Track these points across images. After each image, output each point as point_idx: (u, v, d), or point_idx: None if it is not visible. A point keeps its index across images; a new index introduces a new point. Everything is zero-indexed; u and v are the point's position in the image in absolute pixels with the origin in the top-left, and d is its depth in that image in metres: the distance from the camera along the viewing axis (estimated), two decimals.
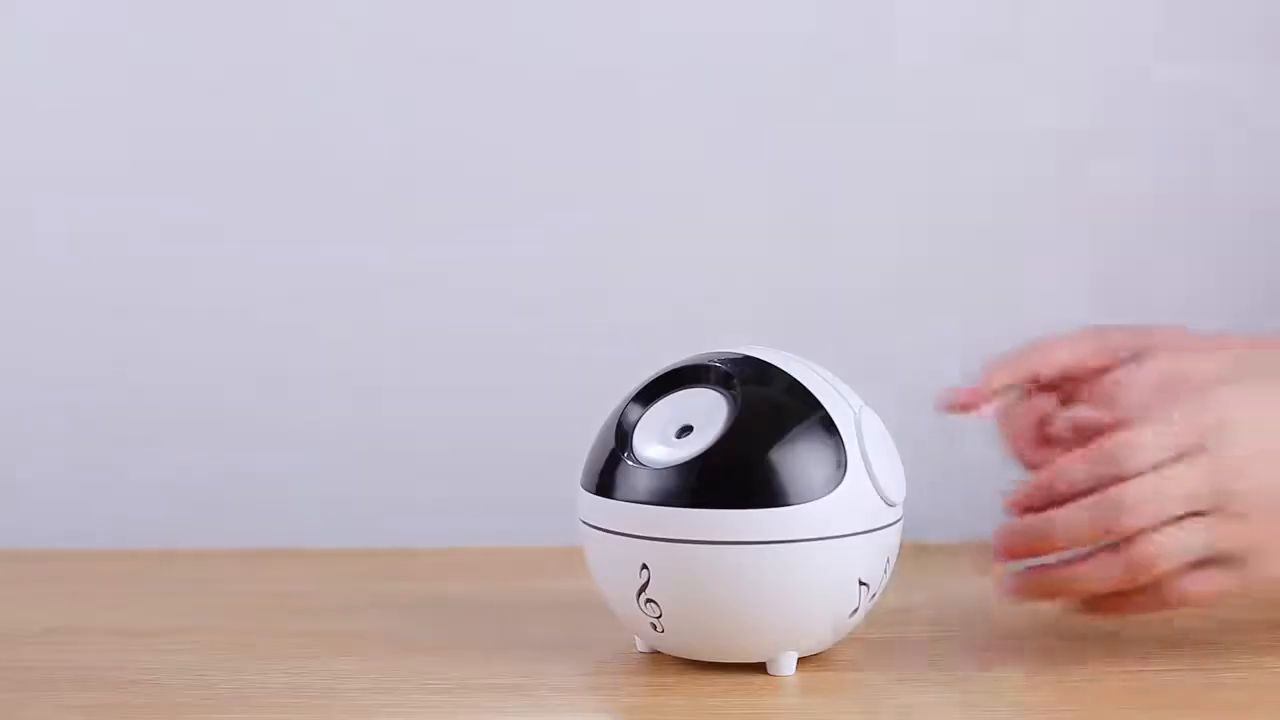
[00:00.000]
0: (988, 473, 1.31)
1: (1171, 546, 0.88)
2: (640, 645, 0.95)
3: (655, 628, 0.91)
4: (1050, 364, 0.99)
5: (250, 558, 1.23)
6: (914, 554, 0.99)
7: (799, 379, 0.92)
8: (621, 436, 0.92)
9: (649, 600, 0.90)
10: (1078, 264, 1.33)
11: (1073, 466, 0.89)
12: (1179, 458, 0.88)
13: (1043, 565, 0.91)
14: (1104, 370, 0.98)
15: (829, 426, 0.90)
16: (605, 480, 0.92)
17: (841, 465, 0.90)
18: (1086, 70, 1.31)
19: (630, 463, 0.91)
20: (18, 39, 1.32)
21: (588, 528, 0.93)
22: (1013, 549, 0.91)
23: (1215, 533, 0.89)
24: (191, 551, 1.26)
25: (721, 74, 1.32)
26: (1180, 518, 0.88)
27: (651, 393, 0.94)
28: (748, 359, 0.93)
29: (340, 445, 1.33)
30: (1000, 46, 1.31)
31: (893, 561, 0.93)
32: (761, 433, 0.90)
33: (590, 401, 1.01)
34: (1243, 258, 1.32)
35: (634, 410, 0.93)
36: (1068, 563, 0.90)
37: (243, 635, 1.02)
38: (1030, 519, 0.90)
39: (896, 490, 0.92)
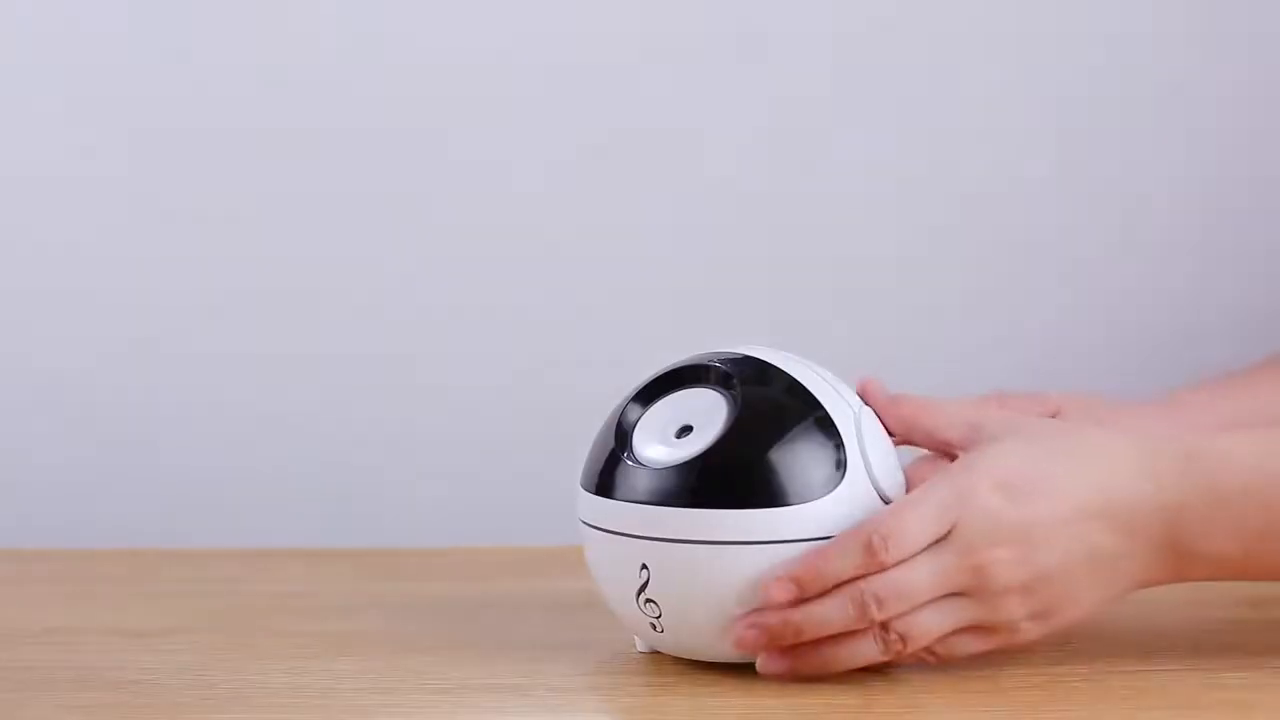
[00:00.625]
0: None
1: (927, 627, 0.87)
2: (640, 645, 0.95)
3: (655, 628, 0.91)
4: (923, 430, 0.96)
5: (250, 558, 1.23)
6: None
7: (799, 379, 0.92)
8: (621, 436, 0.92)
9: (649, 600, 0.90)
10: (1078, 264, 1.33)
11: (836, 560, 0.88)
12: (933, 544, 0.87)
13: (802, 645, 0.89)
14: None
15: (828, 427, 0.90)
16: (605, 480, 0.92)
17: (841, 465, 0.90)
18: (1086, 70, 1.31)
19: (630, 463, 0.91)
20: (17, 38, 1.32)
21: (587, 528, 0.93)
22: (759, 643, 0.88)
23: (971, 610, 0.88)
24: (191, 551, 1.26)
25: (723, 75, 1.32)
26: (942, 597, 0.88)
27: (651, 393, 0.94)
28: (748, 359, 0.93)
29: (340, 445, 1.33)
30: (1000, 47, 1.31)
31: None
32: (761, 433, 0.90)
33: (590, 401, 1.01)
34: (1243, 257, 1.32)
35: (634, 410, 0.93)
36: (827, 640, 0.88)
37: (243, 635, 1.02)
38: (782, 615, 0.87)
39: (896, 490, 0.92)
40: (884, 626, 0.87)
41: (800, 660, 0.89)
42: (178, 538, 1.31)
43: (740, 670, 0.91)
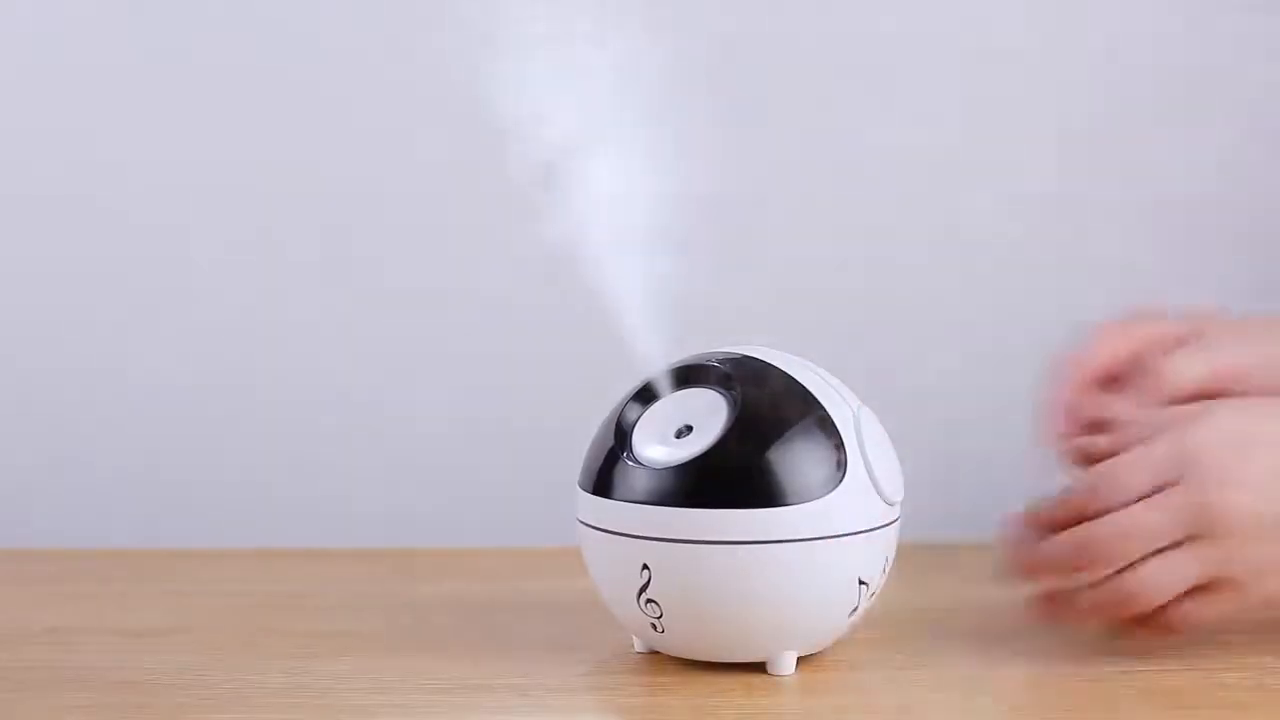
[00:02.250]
0: (985, 472, 1.31)
1: (1157, 579, 0.88)
2: (638, 645, 0.95)
3: (655, 628, 0.91)
4: (1093, 365, 0.98)
5: (250, 558, 1.23)
6: (913, 553, 0.99)
7: (798, 379, 0.92)
8: (621, 436, 0.92)
9: (649, 600, 0.90)
10: (1077, 265, 1.33)
11: (1078, 489, 0.89)
12: (1158, 489, 0.88)
13: (1053, 591, 0.92)
14: (1146, 365, 0.98)
15: (828, 426, 0.90)
16: (605, 480, 0.92)
17: (841, 465, 0.90)
18: (1086, 70, 1.31)
19: (630, 463, 0.91)
20: (12, 40, 1.32)
21: (586, 528, 0.93)
22: (1011, 564, 0.91)
23: (1202, 561, 0.89)
24: (191, 551, 1.26)
25: (724, 75, 1.32)
26: (1165, 548, 0.88)
27: (651, 392, 0.94)
28: (747, 359, 0.93)
29: (340, 445, 1.33)
30: (1000, 47, 1.31)
31: (891, 561, 0.93)
32: (761, 433, 0.90)
33: (590, 402, 1.01)
34: (1242, 255, 1.32)
35: (633, 410, 0.93)
36: (1071, 592, 0.90)
37: (243, 635, 1.02)
38: (1028, 541, 0.90)
39: (895, 490, 0.92)
40: (1114, 575, 0.89)
41: (1054, 606, 0.91)
42: (178, 538, 1.31)
43: (740, 670, 0.91)
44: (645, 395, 0.94)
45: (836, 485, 0.89)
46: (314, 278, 1.33)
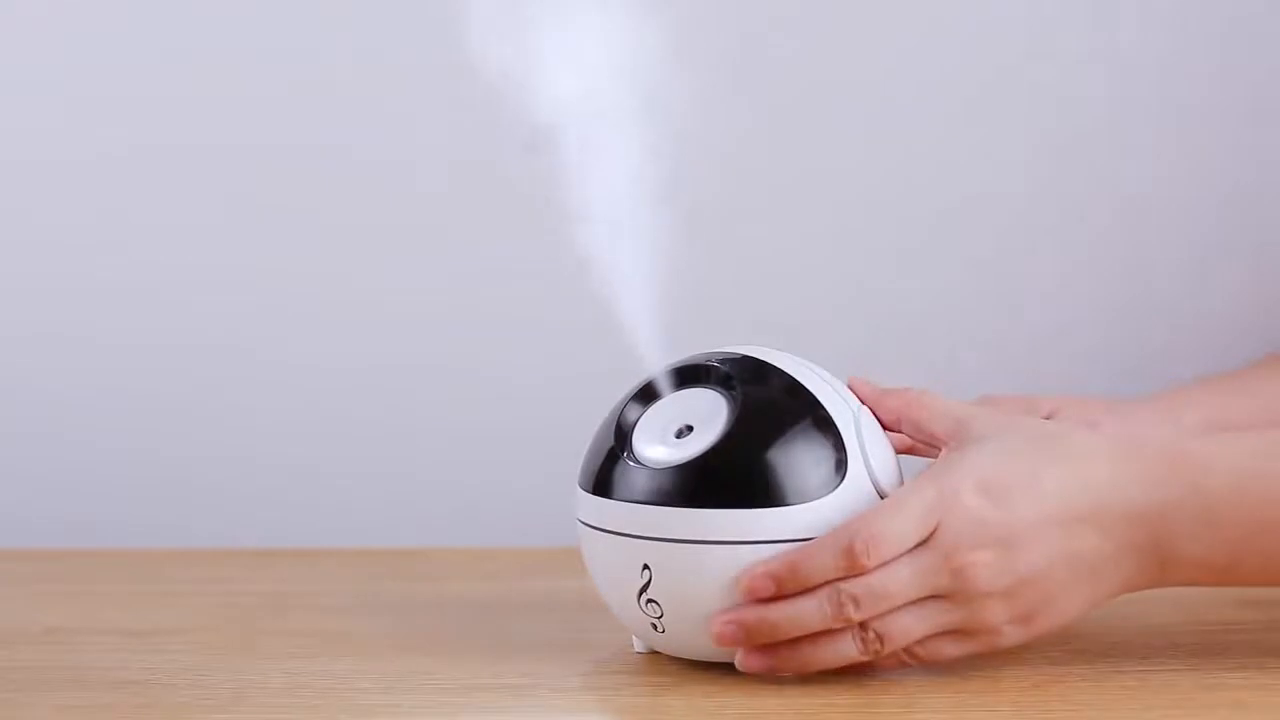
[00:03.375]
0: None
1: (906, 628, 0.87)
2: (637, 645, 0.95)
3: (656, 628, 0.91)
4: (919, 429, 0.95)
5: (250, 558, 1.23)
6: None
7: (799, 379, 0.92)
8: (621, 436, 0.92)
9: (650, 600, 0.90)
10: (1077, 264, 1.33)
11: (817, 559, 0.88)
12: (914, 548, 0.87)
13: (781, 643, 0.89)
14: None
15: (828, 426, 0.90)
16: (605, 480, 0.92)
17: (841, 465, 0.90)
18: (1085, 72, 1.31)
19: (630, 463, 0.91)
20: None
21: (587, 528, 0.93)
22: (736, 640, 0.88)
23: (958, 612, 0.88)
24: (191, 551, 1.26)
25: (725, 76, 1.32)
26: (922, 599, 0.87)
27: (651, 392, 0.94)
28: (747, 359, 0.93)
29: (341, 445, 1.33)
30: (1000, 47, 1.31)
31: None
32: (761, 433, 0.90)
33: (590, 402, 1.01)
34: (1235, 256, 1.32)
35: (633, 410, 0.93)
36: (806, 639, 0.88)
37: (243, 635, 1.02)
38: (759, 613, 0.88)
39: (895, 489, 0.92)
40: (862, 626, 0.87)
41: (779, 658, 0.89)
42: (178, 537, 1.31)
43: (740, 670, 0.91)
44: (645, 395, 0.94)
45: (836, 485, 0.89)
46: (314, 279, 1.33)
